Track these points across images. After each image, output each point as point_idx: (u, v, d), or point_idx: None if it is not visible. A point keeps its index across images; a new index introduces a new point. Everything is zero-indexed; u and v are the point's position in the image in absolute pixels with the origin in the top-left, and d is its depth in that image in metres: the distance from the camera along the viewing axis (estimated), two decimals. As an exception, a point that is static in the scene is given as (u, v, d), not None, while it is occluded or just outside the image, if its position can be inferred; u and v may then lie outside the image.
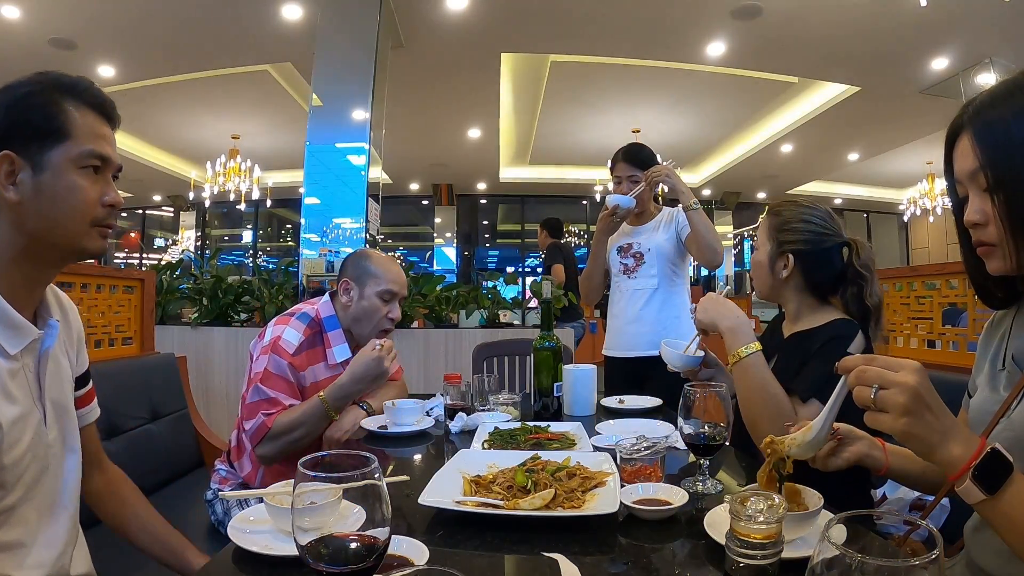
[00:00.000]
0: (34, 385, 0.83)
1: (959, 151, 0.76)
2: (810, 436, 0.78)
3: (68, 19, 4.86)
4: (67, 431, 0.89)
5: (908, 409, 0.64)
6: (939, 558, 0.41)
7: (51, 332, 0.85)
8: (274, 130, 7.84)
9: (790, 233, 1.25)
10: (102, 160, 0.83)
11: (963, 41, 5.15)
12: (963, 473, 0.64)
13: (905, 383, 0.64)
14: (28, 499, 0.81)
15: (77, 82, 0.84)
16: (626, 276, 2.21)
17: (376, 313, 1.53)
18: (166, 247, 11.28)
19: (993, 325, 0.90)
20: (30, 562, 0.81)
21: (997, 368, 0.84)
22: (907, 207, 10.23)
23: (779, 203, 1.32)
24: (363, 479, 0.52)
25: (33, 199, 0.79)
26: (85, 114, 0.82)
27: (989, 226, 0.74)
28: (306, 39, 4.84)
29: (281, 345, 1.42)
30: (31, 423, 0.80)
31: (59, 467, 0.87)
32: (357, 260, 1.58)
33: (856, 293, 1.23)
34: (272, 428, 1.38)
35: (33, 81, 0.81)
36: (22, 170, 0.78)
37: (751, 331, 1.20)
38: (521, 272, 11.41)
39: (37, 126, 0.79)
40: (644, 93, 6.87)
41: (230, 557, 0.76)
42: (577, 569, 0.68)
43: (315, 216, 4.23)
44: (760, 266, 1.30)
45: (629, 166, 2.18)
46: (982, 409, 0.83)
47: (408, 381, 1.93)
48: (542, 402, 1.56)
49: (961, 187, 0.78)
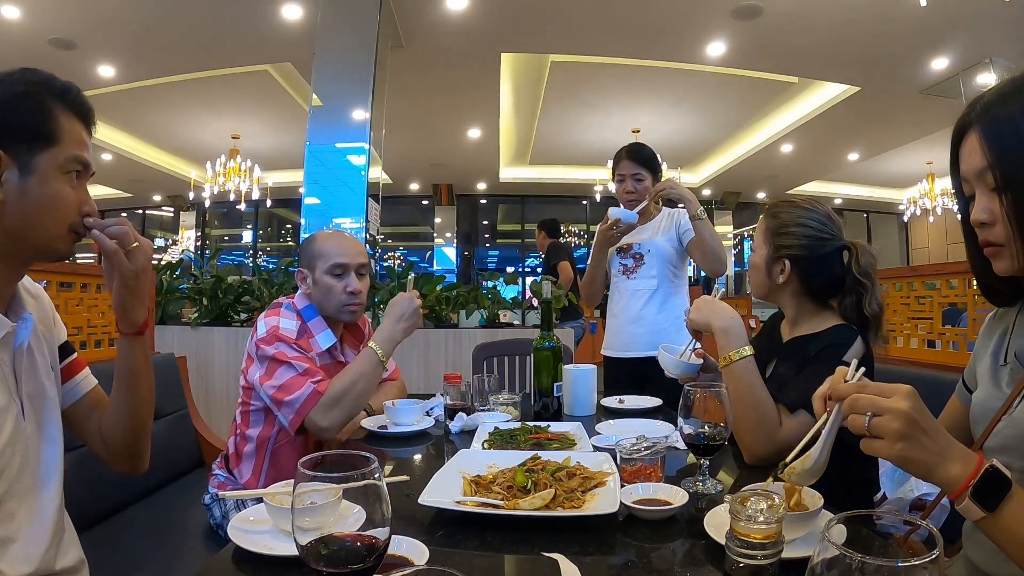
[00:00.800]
0: (10, 379, 0.83)
1: (966, 149, 0.75)
2: (808, 464, 0.78)
3: (68, 19, 4.87)
4: (45, 423, 0.89)
5: (903, 435, 0.64)
6: (939, 558, 0.41)
7: (25, 326, 0.86)
8: (274, 130, 7.85)
9: (787, 237, 1.21)
10: (83, 166, 0.85)
11: (963, 41, 5.15)
12: (962, 492, 0.64)
13: (898, 409, 0.64)
14: (12, 494, 0.81)
15: (68, 88, 0.85)
16: (625, 276, 2.20)
17: (332, 292, 1.48)
18: (166, 247, 11.28)
19: (996, 318, 0.89)
20: (18, 557, 0.81)
21: (999, 363, 0.83)
22: (907, 207, 10.24)
23: (777, 203, 1.28)
24: (363, 479, 0.52)
25: (17, 200, 0.79)
26: (72, 120, 0.84)
27: (996, 226, 0.73)
28: (306, 39, 4.85)
29: (283, 333, 1.41)
30: (10, 416, 0.81)
31: (37, 459, 0.87)
32: (305, 246, 1.56)
33: (855, 302, 1.18)
34: (328, 393, 1.34)
35: (25, 81, 0.81)
36: (8, 170, 0.79)
37: (744, 334, 1.17)
38: (521, 272, 11.41)
39: (28, 128, 0.80)
40: (644, 93, 6.87)
41: (230, 557, 0.76)
42: (577, 569, 0.68)
43: (315, 216, 4.23)
44: (757, 269, 1.27)
45: (633, 164, 2.16)
46: (984, 405, 0.83)
47: (408, 381, 1.93)
48: (542, 402, 1.56)
49: (968, 185, 0.76)
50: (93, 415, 1.00)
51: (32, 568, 0.82)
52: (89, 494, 1.43)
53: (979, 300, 1.82)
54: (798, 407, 1.10)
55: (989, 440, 0.79)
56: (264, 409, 1.45)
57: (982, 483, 0.64)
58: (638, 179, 2.15)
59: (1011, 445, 0.75)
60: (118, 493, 1.63)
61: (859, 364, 1.13)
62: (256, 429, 1.47)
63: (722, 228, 11.78)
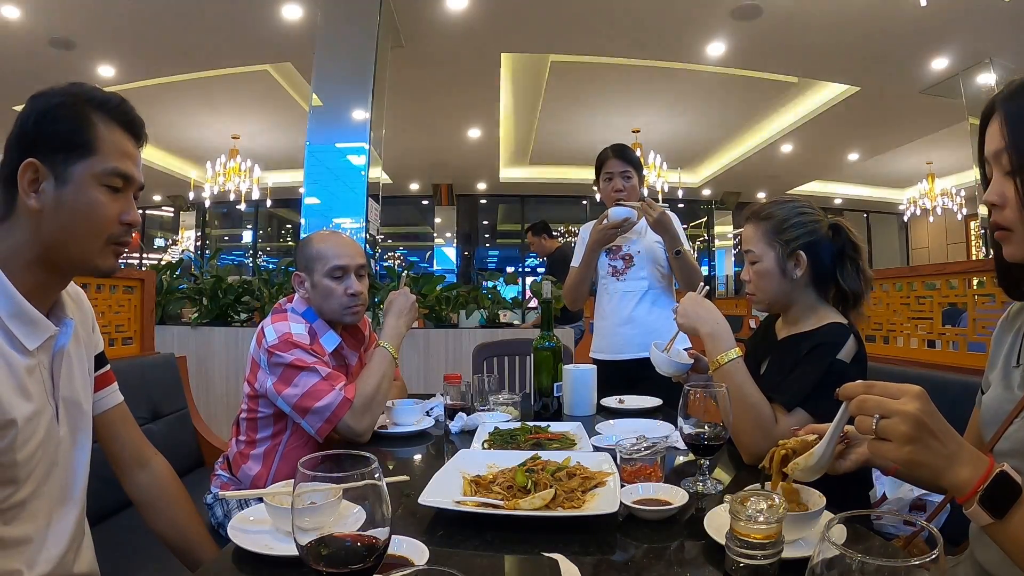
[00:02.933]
0: (48, 382, 0.84)
1: (990, 132, 0.75)
2: (812, 461, 0.78)
3: (68, 19, 4.87)
4: (78, 428, 0.90)
5: (911, 437, 0.63)
6: (939, 558, 0.41)
7: (66, 330, 0.86)
8: (274, 130, 7.85)
9: (792, 230, 1.22)
10: (124, 179, 0.84)
11: (963, 41, 5.15)
12: (971, 497, 0.63)
13: (906, 411, 0.63)
14: (38, 495, 0.82)
15: (109, 98, 0.84)
16: (615, 278, 2.15)
17: (332, 295, 1.45)
18: (166, 247, 11.28)
19: (1008, 319, 0.88)
20: (38, 558, 0.82)
21: (1011, 365, 0.82)
22: (907, 207, 10.24)
23: (761, 208, 1.26)
24: (363, 479, 0.52)
25: (53, 210, 0.79)
26: (113, 131, 0.83)
27: (1006, 208, 0.72)
28: (306, 39, 4.85)
29: (297, 339, 1.38)
30: (44, 419, 0.82)
31: (68, 462, 0.88)
32: (301, 249, 1.54)
33: (854, 269, 1.23)
34: (358, 397, 1.34)
35: (66, 92, 0.81)
36: (45, 179, 0.79)
37: (731, 336, 1.19)
38: (521, 272, 11.41)
39: (64, 138, 0.79)
40: (644, 93, 6.87)
41: (230, 557, 0.76)
42: (577, 569, 0.68)
43: (315, 216, 4.23)
44: (768, 275, 1.23)
45: (621, 162, 2.13)
46: (995, 407, 0.81)
47: (408, 381, 1.93)
48: (542, 402, 1.56)
49: (989, 168, 0.76)
50: (113, 429, 1.02)
51: (49, 569, 0.83)
52: (90, 493, 1.42)
53: (979, 300, 1.82)
54: (794, 405, 1.10)
55: (1000, 443, 0.78)
56: (273, 416, 1.43)
57: (991, 489, 0.62)
58: (626, 176, 2.12)
59: (1022, 449, 0.74)
60: (118, 492, 1.63)
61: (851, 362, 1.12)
62: (265, 435, 1.45)
63: (722, 228, 11.79)
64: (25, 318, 0.79)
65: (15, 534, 0.79)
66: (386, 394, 1.42)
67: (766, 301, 1.27)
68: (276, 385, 1.35)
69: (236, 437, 1.50)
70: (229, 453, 1.53)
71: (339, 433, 1.34)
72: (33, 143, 0.79)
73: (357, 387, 1.36)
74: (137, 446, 1.06)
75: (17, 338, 0.78)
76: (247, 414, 1.46)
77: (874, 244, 12.22)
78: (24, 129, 0.79)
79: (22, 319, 0.79)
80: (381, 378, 1.41)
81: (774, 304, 1.27)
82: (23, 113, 0.80)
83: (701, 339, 1.22)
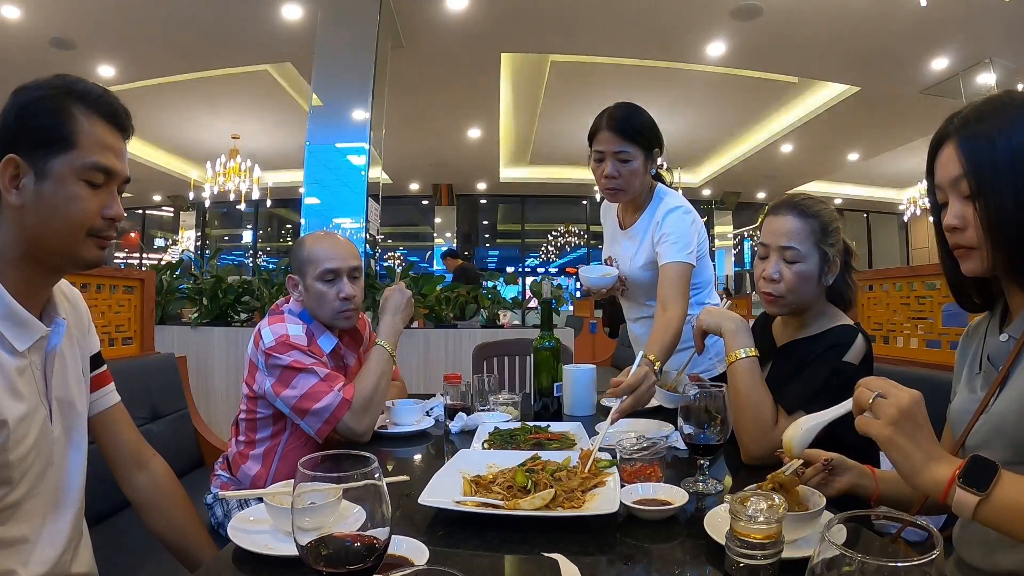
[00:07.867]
0: (40, 382, 0.83)
1: (942, 159, 0.80)
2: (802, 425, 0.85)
3: (68, 19, 4.87)
4: (72, 428, 0.89)
5: (896, 420, 0.68)
6: (938, 558, 0.41)
7: (58, 330, 0.86)
8: (274, 130, 7.85)
9: (833, 235, 1.19)
10: (106, 173, 0.81)
11: (963, 41, 5.15)
12: (951, 484, 0.66)
13: (901, 397, 0.70)
14: (33, 495, 0.81)
15: (91, 89, 0.82)
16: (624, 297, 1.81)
17: (324, 299, 1.42)
18: (166, 247, 11.29)
19: (968, 335, 0.94)
20: (34, 559, 0.81)
21: (974, 372, 0.87)
22: (907, 207, 10.24)
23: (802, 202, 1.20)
24: (363, 479, 0.52)
25: (34, 205, 0.78)
26: (95, 123, 0.81)
27: (968, 230, 0.78)
28: (306, 39, 4.85)
29: (295, 340, 1.37)
30: (37, 420, 0.81)
31: (63, 463, 0.87)
32: (294, 251, 1.51)
33: (849, 273, 1.25)
34: (357, 398, 1.33)
35: (48, 85, 0.80)
36: (26, 175, 0.78)
37: (751, 337, 1.20)
38: (521, 272, 11.41)
39: (44, 132, 0.78)
40: (644, 93, 6.86)
41: (230, 557, 0.76)
42: (577, 569, 0.68)
43: (315, 216, 4.24)
44: (808, 278, 1.17)
45: (616, 136, 1.55)
46: (961, 410, 0.86)
47: (408, 381, 1.93)
48: (542, 402, 1.56)
49: (941, 193, 0.81)
50: (110, 430, 1.02)
51: (46, 569, 0.82)
52: (89, 493, 1.42)
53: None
54: (796, 408, 1.10)
55: (968, 439, 0.82)
56: (272, 417, 1.43)
57: (969, 469, 0.66)
58: (623, 160, 1.54)
59: (990, 439, 0.79)
60: (117, 493, 1.63)
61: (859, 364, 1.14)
62: (264, 435, 1.45)
63: (722, 228, 11.79)
64: (14, 319, 0.78)
65: (10, 535, 0.78)
66: (385, 393, 1.41)
67: (795, 304, 1.19)
68: (274, 387, 1.34)
69: (236, 437, 1.50)
70: (229, 453, 1.53)
71: (339, 433, 1.33)
72: (14, 138, 0.77)
73: (355, 387, 1.36)
74: (135, 447, 1.06)
75: (6, 339, 0.78)
76: (246, 415, 1.45)
77: (874, 244, 12.23)
78: (6, 124, 0.78)
79: (11, 320, 0.78)
80: (379, 377, 1.40)
81: (800, 308, 1.22)
82: (5, 108, 0.79)
83: (723, 335, 1.22)
